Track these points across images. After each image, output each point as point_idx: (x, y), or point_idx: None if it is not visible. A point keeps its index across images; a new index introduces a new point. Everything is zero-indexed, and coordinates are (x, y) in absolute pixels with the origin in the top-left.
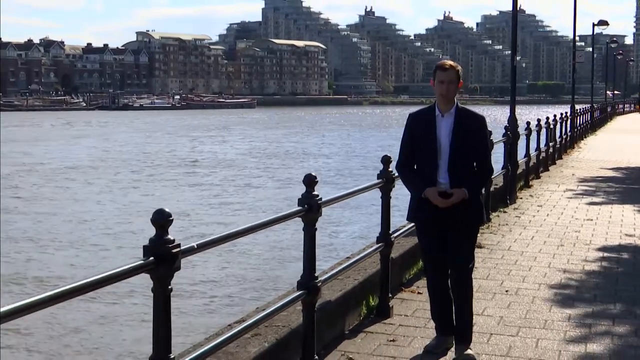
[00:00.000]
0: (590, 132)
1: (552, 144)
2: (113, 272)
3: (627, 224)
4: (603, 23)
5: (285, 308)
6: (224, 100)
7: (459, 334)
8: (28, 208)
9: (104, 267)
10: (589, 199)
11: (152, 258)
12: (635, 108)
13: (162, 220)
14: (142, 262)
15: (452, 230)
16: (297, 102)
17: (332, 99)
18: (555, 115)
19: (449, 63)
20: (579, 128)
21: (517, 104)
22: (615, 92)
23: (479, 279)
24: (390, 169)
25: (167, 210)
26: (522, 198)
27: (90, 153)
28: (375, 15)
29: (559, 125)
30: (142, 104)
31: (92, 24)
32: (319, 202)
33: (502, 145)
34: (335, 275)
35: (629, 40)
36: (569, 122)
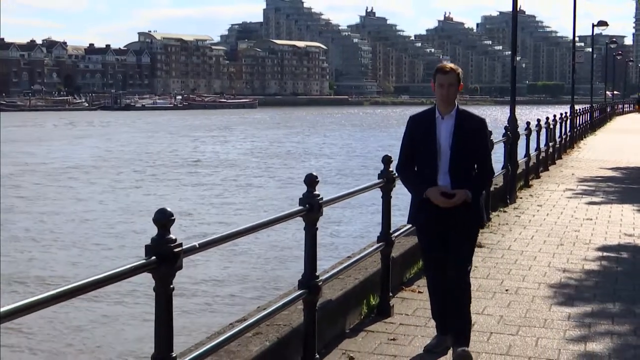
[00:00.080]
0: (590, 132)
1: (551, 144)
2: (115, 271)
3: (626, 224)
4: (602, 24)
5: (287, 307)
6: (226, 101)
7: (457, 335)
8: (30, 207)
9: (106, 266)
10: (589, 199)
11: (154, 257)
12: (635, 108)
13: (164, 220)
14: (144, 261)
15: (453, 231)
16: (298, 102)
17: (333, 99)
18: (555, 116)
19: (449, 66)
20: (579, 128)
21: (517, 104)
22: (615, 92)
23: (479, 278)
24: (391, 169)
25: (169, 210)
26: (522, 198)
27: (93, 153)
28: (376, 16)
29: (559, 126)
30: (144, 104)
31: (94, 25)
32: (320, 201)
33: (502, 145)
34: (336, 275)
35: (629, 41)
36: (569, 122)
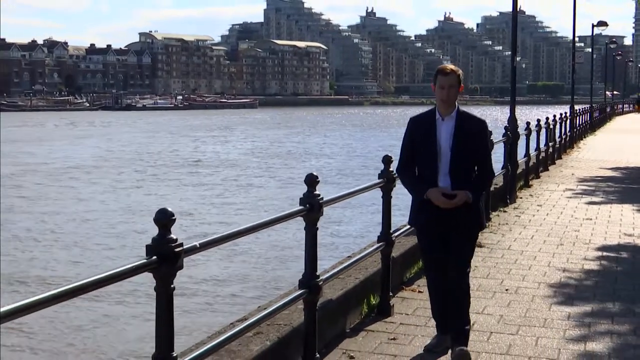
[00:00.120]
0: (590, 132)
1: (551, 144)
2: (116, 271)
3: (626, 223)
4: (602, 24)
5: (287, 307)
6: (226, 101)
7: (456, 335)
8: (32, 207)
9: (107, 266)
10: (589, 199)
11: (154, 257)
12: (634, 108)
13: (164, 220)
14: (145, 261)
15: (453, 232)
16: (298, 102)
17: (333, 100)
18: (555, 116)
19: (450, 67)
20: (579, 128)
21: (517, 105)
22: (615, 92)
23: (479, 278)
24: (391, 169)
25: (169, 210)
26: (522, 197)
27: (94, 153)
28: (376, 16)
29: (559, 126)
30: (145, 105)
31: (95, 25)
32: (321, 201)
33: (502, 145)
34: (337, 274)
35: (628, 41)
36: (569, 122)
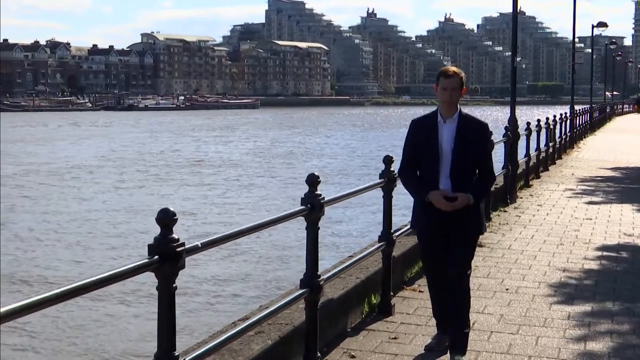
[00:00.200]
0: (590, 132)
1: (551, 144)
2: (118, 270)
3: (625, 223)
4: (602, 25)
5: (288, 306)
6: (228, 101)
7: (454, 342)
8: (34, 207)
9: (109, 265)
10: (588, 199)
11: (156, 257)
12: (634, 108)
13: (166, 220)
14: (147, 260)
15: (454, 234)
16: (300, 102)
17: (334, 100)
18: (555, 116)
19: (453, 69)
20: (579, 128)
21: (517, 105)
22: (614, 92)
23: (480, 278)
24: (392, 169)
25: (171, 210)
26: (522, 197)
27: (96, 153)
28: (377, 17)
29: (559, 126)
30: (147, 105)
31: (97, 26)
32: (322, 201)
33: (502, 145)
34: (338, 274)
35: (628, 42)
36: (569, 122)
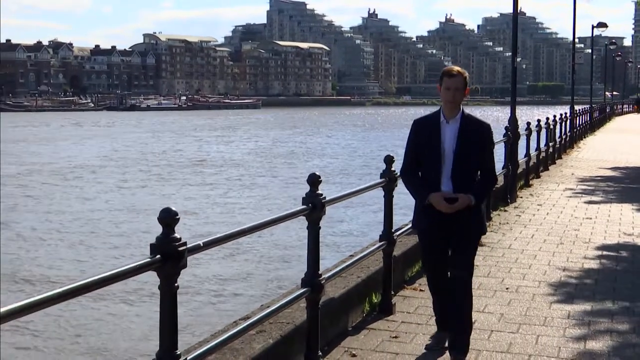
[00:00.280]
0: (590, 132)
1: (552, 144)
2: (120, 269)
3: (625, 223)
4: (602, 25)
5: (290, 305)
6: (230, 101)
7: (455, 342)
8: (37, 207)
9: (112, 264)
10: (588, 198)
11: (158, 256)
12: (634, 108)
13: (168, 219)
14: (149, 259)
15: (455, 236)
16: (301, 102)
17: (335, 100)
18: (555, 116)
19: (456, 69)
20: (579, 128)
21: (517, 105)
22: (614, 92)
23: (480, 277)
24: (393, 169)
25: (173, 209)
26: (522, 197)
27: (99, 153)
28: (378, 18)
29: (559, 126)
30: (149, 105)
31: (100, 27)
32: (323, 201)
33: (502, 145)
34: (339, 273)
35: (628, 42)
36: (569, 122)
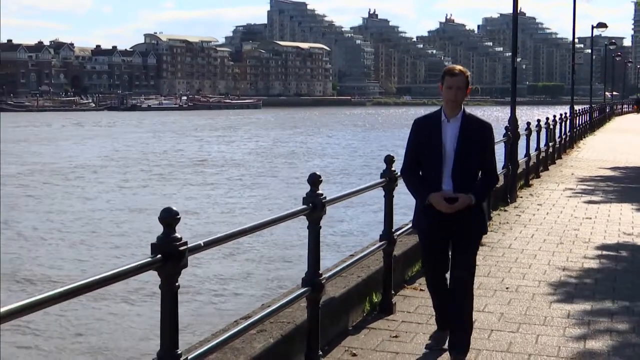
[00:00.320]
0: (589, 132)
1: (551, 144)
2: (121, 269)
3: (625, 222)
4: (602, 25)
5: (290, 305)
6: (230, 101)
7: (455, 342)
8: (38, 206)
9: (113, 264)
10: (588, 198)
11: (159, 255)
12: (633, 108)
13: (169, 219)
14: (149, 259)
15: (456, 237)
16: (301, 102)
17: (336, 100)
18: (555, 116)
19: (458, 68)
20: (578, 128)
21: (517, 105)
22: (614, 93)
23: (480, 277)
24: (393, 169)
25: (174, 209)
26: (522, 197)
27: (100, 152)
28: (379, 18)
29: (559, 126)
30: (150, 105)
31: (100, 27)
32: (323, 200)
33: (502, 145)
34: (339, 273)
35: (627, 42)
36: (569, 122)
